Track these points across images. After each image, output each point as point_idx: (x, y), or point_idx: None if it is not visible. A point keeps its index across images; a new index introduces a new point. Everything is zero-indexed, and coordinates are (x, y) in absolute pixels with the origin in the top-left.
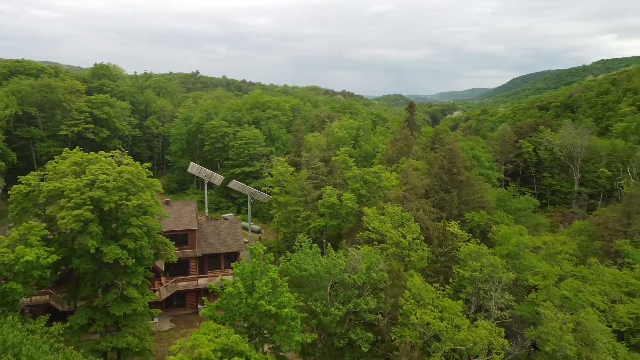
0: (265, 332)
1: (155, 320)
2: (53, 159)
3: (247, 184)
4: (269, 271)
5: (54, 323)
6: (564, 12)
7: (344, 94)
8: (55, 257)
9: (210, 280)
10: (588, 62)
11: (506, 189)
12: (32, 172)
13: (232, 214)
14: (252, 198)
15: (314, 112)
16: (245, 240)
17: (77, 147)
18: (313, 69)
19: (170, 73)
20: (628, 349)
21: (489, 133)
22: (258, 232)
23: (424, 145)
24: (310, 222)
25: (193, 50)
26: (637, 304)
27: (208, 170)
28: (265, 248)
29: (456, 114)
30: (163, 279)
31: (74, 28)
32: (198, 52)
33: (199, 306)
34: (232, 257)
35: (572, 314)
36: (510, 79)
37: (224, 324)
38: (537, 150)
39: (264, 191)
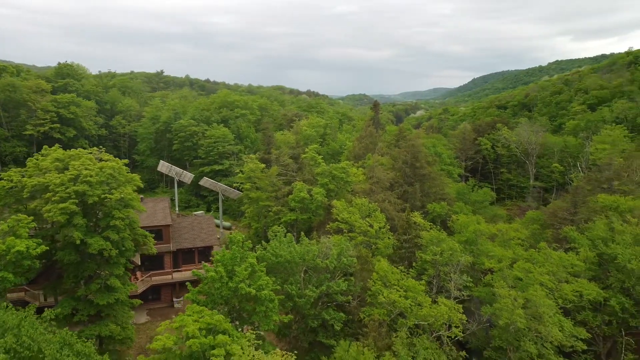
0: (244, 315)
1: (132, 313)
2: (18, 159)
3: (217, 182)
4: (247, 257)
5: (45, 309)
6: (522, 14)
7: (309, 93)
8: (44, 247)
9: (184, 275)
10: (545, 63)
11: (466, 184)
12: (12, 169)
13: (202, 211)
14: (223, 195)
15: (281, 112)
16: (217, 236)
17: (57, 145)
18: (278, 68)
19: (132, 72)
20: (574, 324)
21: (451, 131)
22: (229, 228)
23: (388, 143)
24: (281, 216)
25: (155, 49)
26: (581, 283)
27: (178, 169)
28: (243, 236)
29: (419, 113)
30: (138, 274)
31: (26, 24)
32: (160, 51)
33: (174, 299)
34: (206, 251)
35: (523, 292)
36: (471, 79)
37: (206, 307)
38: (495, 147)
39: (236, 188)
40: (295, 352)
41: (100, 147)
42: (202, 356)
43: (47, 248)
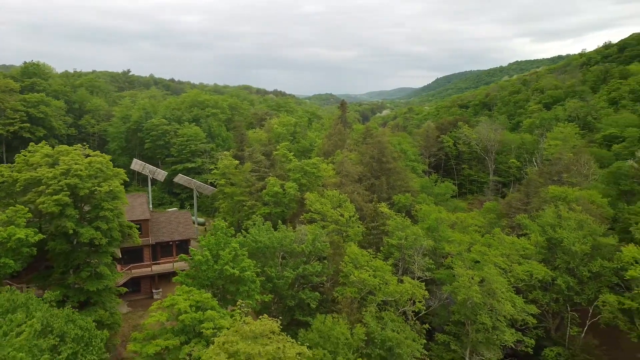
0: (228, 296)
1: (119, 300)
2: None
3: (191, 179)
4: (230, 243)
5: (45, 292)
6: (484, 16)
7: (276, 93)
8: (40, 235)
9: (163, 267)
10: (505, 64)
11: (429, 178)
12: (2, 165)
13: (175, 208)
14: (197, 191)
15: (251, 110)
16: (194, 230)
17: (43, 142)
18: (244, 67)
19: (95, 72)
20: (525, 301)
21: (415, 130)
22: (203, 224)
23: (356, 140)
24: (255, 210)
25: (119, 48)
26: (531, 264)
27: (151, 167)
28: (226, 224)
29: (385, 112)
30: (119, 267)
31: None
32: (124, 49)
33: (154, 290)
34: (183, 244)
35: (479, 272)
36: (435, 79)
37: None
38: (457, 144)
39: (210, 184)
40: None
41: (84, 143)
42: (192, 330)
43: (44, 236)
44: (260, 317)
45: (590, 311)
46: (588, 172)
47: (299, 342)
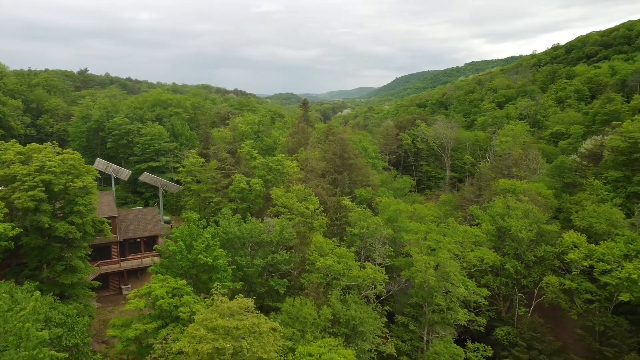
0: (201, 285)
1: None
2: None
3: (157, 177)
4: (203, 234)
5: (25, 282)
6: (441, 17)
7: (237, 92)
8: (18, 229)
9: (132, 263)
10: (462, 64)
11: (389, 173)
12: None
13: (139, 207)
14: (163, 189)
15: (214, 110)
16: (162, 227)
17: (13, 140)
18: (203, 67)
19: (47, 70)
20: (477, 285)
21: (375, 128)
22: (168, 222)
23: (318, 138)
24: (221, 206)
25: (71, 46)
26: (482, 251)
27: (115, 166)
28: (198, 215)
29: (346, 111)
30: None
31: None
32: (77, 47)
33: (122, 286)
34: (151, 241)
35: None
36: (394, 79)
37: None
38: (415, 142)
39: (175, 182)
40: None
41: (54, 142)
42: (169, 315)
43: (21, 230)
44: (236, 296)
45: (536, 292)
46: (536, 166)
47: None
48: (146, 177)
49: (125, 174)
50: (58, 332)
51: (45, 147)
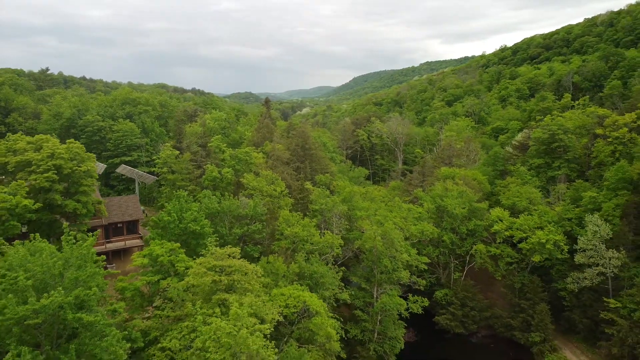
0: (190, 250)
1: None
2: None
3: (133, 169)
4: (190, 207)
5: None
6: (398, 17)
7: (195, 91)
8: (39, 204)
9: (116, 245)
10: (417, 64)
11: (345, 164)
12: None
13: (121, 196)
14: (139, 181)
15: (181, 107)
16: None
17: (20, 133)
18: (159, 65)
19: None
20: (418, 254)
21: (334, 126)
22: (143, 211)
23: (281, 134)
24: (195, 194)
25: (18, 43)
26: (423, 225)
27: None
28: (186, 193)
29: (305, 110)
30: None
31: None
32: (22, 44)
33: (107, 266)
34: (132, 225)
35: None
36: (352, 78)
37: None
38: (370, 137)
39: (151, 173)
40: None
41: (52, 134)
42: (167, 270)
43: (42, 205)
44: (227, 246)
45: (467, 259)
46: (475, 157)
47: None
48: (123, 169)
49: (100, 167)
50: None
51: (50, 139)
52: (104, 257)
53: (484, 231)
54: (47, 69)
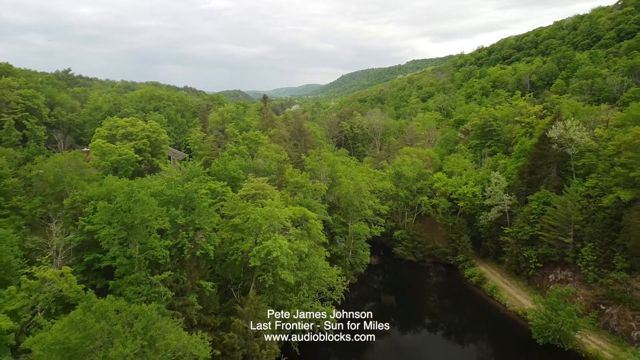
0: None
1: None
2: None
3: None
4: (230, 163)
5: None
6: (387, 16)
7: (187, 89)
8: (140, 157)
9: None
10: (404, 62)
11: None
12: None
13: None
14: (173, 158)
15: (194, 103)
16: None
17: (116, 116)
18: (150, 63)
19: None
20: (380, 204)
21: (322, 120)
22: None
23: (280, 124)
24: None
25: (4, 41)
26: (384, 184)
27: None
28: (229, 155)
29: (294, 107)
30: None
31: None
32: (9, 42)
33: None
34: None
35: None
36: (340, 76)
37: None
38: (353, 128)
39: (183, 152)
40: None
41: (131, 117)
42: (218, 195)
43: (142, 158)
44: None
45: (416, 208)
46: (434, 141)
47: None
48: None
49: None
50: None
51: (137, 120)
52: None
53: (428, 188)
54: (69, 70)
